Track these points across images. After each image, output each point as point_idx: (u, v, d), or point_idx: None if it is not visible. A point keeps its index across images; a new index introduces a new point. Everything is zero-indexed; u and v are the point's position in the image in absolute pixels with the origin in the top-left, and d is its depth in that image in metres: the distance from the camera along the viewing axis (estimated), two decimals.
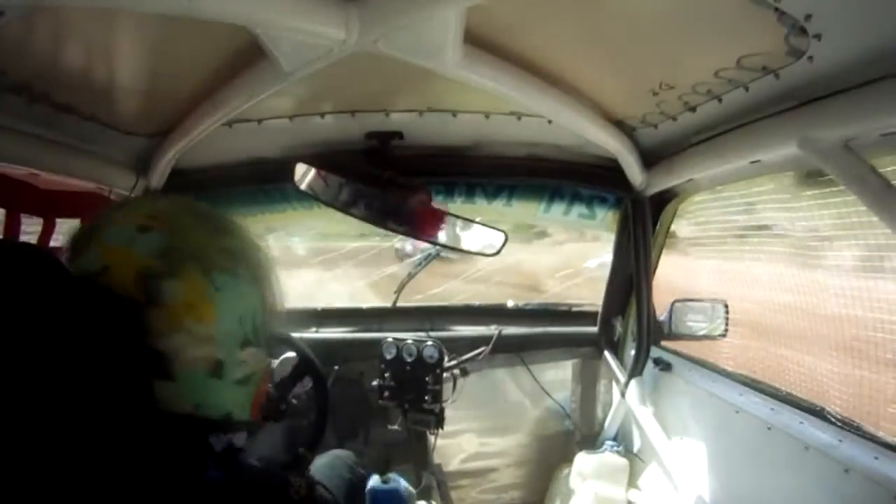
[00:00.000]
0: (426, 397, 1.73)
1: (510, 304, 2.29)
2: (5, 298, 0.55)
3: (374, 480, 1.45)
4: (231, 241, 0.68)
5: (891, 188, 0.82)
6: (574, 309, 2.25)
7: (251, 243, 0.72)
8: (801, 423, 1.19)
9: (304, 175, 1.50)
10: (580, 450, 1.99)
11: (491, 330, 1.97)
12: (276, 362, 1.69)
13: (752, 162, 1.15)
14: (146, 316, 0.59)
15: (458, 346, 1.86)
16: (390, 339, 1.78)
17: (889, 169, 0.94)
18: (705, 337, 1.67)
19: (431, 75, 1.03)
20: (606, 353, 2.01)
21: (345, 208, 1.52)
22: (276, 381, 1.57)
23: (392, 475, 1.47)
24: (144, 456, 0.57)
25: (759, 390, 1.36)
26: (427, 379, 1.73)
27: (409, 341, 1.77)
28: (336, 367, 1.86)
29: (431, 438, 1.86)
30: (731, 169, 1.28)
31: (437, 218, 1.54)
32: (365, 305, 2.37)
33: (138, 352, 0.58)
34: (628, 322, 1.95)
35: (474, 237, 1.59)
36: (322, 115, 1.42)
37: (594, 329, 2.04)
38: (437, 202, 1.74)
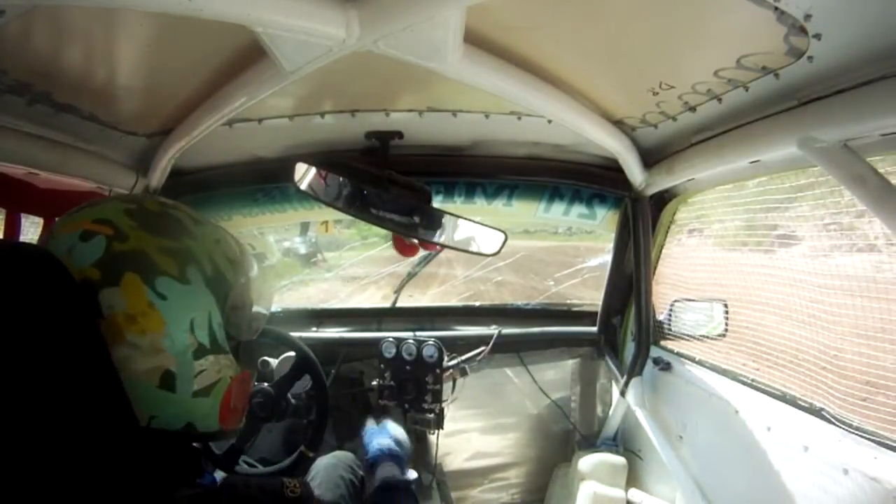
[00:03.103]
0: (426, 397, 1.74)
1: (510, 304, 2.29)
2: (5, 297, 0.55)
3: (370, 425, 1.43)
4: (182, 241, 0.64)
5: (891, 188, 0.82)
6: (573, 309, 2.25)
7: (211, 240, 0.68)
8: (801, 423, 1.19)
9: (304, 175, 1.49)
10: (580, 449, 2.00)
11: (490, 330, 1.97)
12: (275, 362, 1.70)
13: (752, 162, 1.16)
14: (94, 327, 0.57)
15: (457, 346, 1.86)
16: (390, 339, 1.78)
17: (889, 169, 0.95)
18: (705, 337, 1.67)
19: (431, 75, 1.02)
20: (606, 353, 2.01)
21: (345, 208, 1.52)
22: (276, 379, 1.58)
23: (387, 421, 1.44)
24: (119, 463, 0.57)
25: (759, 390, 1.36)
26: (427, 379, 1.74)
27: (409, 341, 1.77)
28: (336, 367, 1.86)
29: (431, 438, 1.86)
30: (731, 169, 1.29)
31: (437, 218, 1.54)
32: (365, 305, 2.37)
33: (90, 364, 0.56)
34: (628, 322, 1.95)
35: (474, 237, 1.59)
36: (322, 114, 1.42)
37: (594, 329, 2.04)
38: (437, 202, 1.74)
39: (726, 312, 1.60)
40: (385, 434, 1.36)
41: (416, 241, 1.59)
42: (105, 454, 0.58)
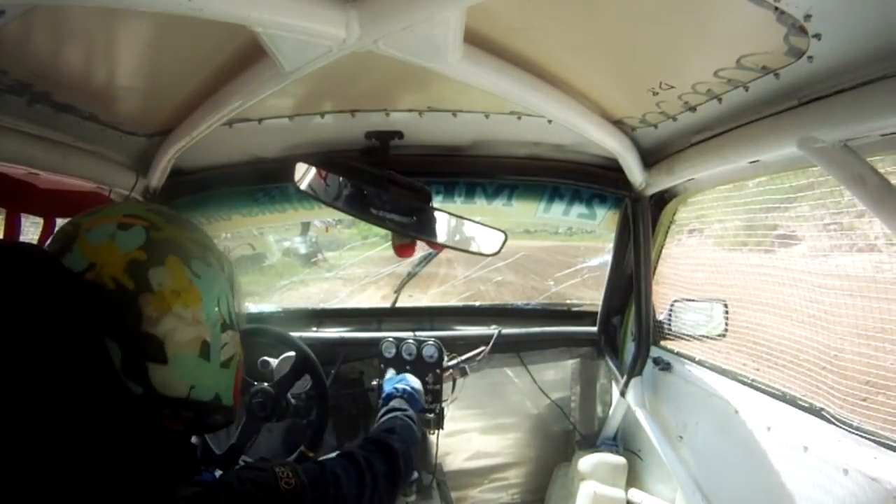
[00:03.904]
0: (426, 397, 1.73)
1: (510, 304, 2.29)
2: (5, 297, 0.55)
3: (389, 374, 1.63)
4: (197, 234, 0.73)
5: (891, 188, 0.82)
6: (573, 308, 2.25)
7: (209, 237, 0.77)
8: (801, 423, 1.19)
9: (304, 175, 1.49)
10: (580, 449, 2.00)
11: (490, 330, 1.97)
12: (275, 362, 1.70)
13: (752, 162, 1.16)
14: (138, 302, 0.63)
15: (457, 345, 1.86)
16: (390, 339, 1.78)
17: (889, 169, 0.95)
18: (705, 337, 1.67)
19: (431, 75, 1.02)
20: (606, 353, 2.01)
21: (345, 208, 1.52)
22: (276, 379, 1.58)
23: (406, 374, 1.56)
24: (122, 460, 0.58)
25: (759, 390, 1.36)
26: (427, 379, 1.74)
27: (409, 341, 1.77)
28: (336, 367, 1.86)
29: (431, 438, 1.86)
30: (731, 169, 1.28)
31: (437, 218, 1.54)
32: (365, 305, 2.37)
33: (132, 337, 0.61)
34: (628, 322, 1.95)
35: (474, 237, 1.59)
36: (322, 114, 1.42)
37: (594, 329, 2.04)
38: (437, 202, 1.74)
39: (726, 312, 1.60)
40: (401, 380, 1.47)
41: (416, 241, 1.59)
42: (105, 451, 0.58)
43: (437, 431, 1.79)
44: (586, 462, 1.82)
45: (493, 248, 1.58)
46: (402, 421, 1.16)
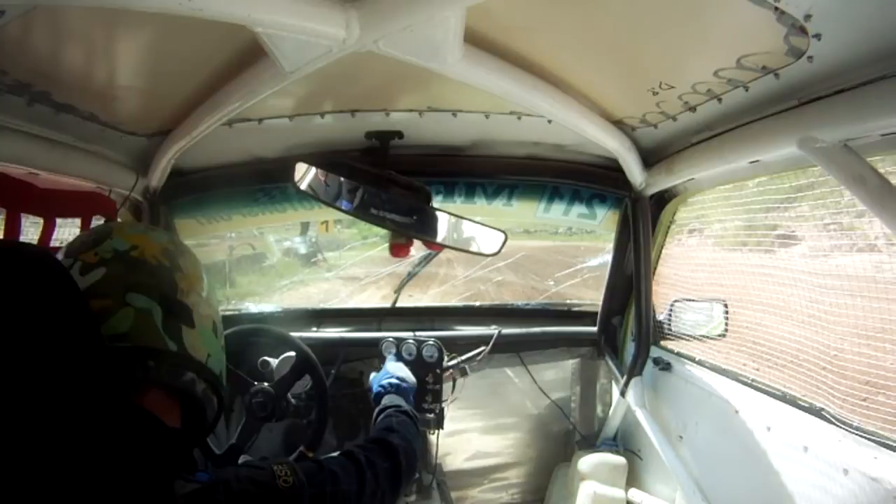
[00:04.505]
0: (426, 397, 1.73)
1: (510, 304, 2.29)
2: (6, 297, 0.56)
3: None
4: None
5: (891, 188, 0.82)
6: (573, 308, 2.25)
7: None
8: (801, 423, 1.19)
9: (304, 175, 1.49)
10: (580, 449, 1.99)
11: (490, 330, 1.97)
12: (276, 362, 1.70)
13: (752, 162, 1.16)
14: (174, 276, 0.74)
15: (457, 346, 1.86)
16: (390, 339, 1.78)
17: (889, 169, 0.95)
18: (705, 337, 1.67)
19: (431, 75, 1.03)
20: (606, 353, 2.01)
21: (344, 208, 1.52)
22: (276, 379, 1.58)
23: (386, 363, 1.56)
24: (120, 456, 0.60)
25: (759, 390, 1.36)
26: (427, 379, 1.73)
27: (409, 341, 1.77)
28: (336, 367, 1.86)
29: (431, 438, 1.86)
30: (731, 169, 1.28)
31: (437, 217, 1.54)
32: (365, 305, 2.37)
33: (171, 301, 0.72)
34: (628, 322, 1.95)
35: (474, 237, 1.59)
36: (322, 114, 1.42)
37: (594, 329, 2.04)
38: (437, 202, 1.74)
39: (726, 312, 1.60)
40: (385, 375, 1.44)
41: (411, 241, 1.59)
42: (104, 447, 0.58)
43: (437, 431, 1.79)
44: (586, 462, 1.82)
45: (493, 248, 1.58)
46: (397, 417, 1.16)
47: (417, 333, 1.86)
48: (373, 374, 1.52)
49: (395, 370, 1.47)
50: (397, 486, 0.93)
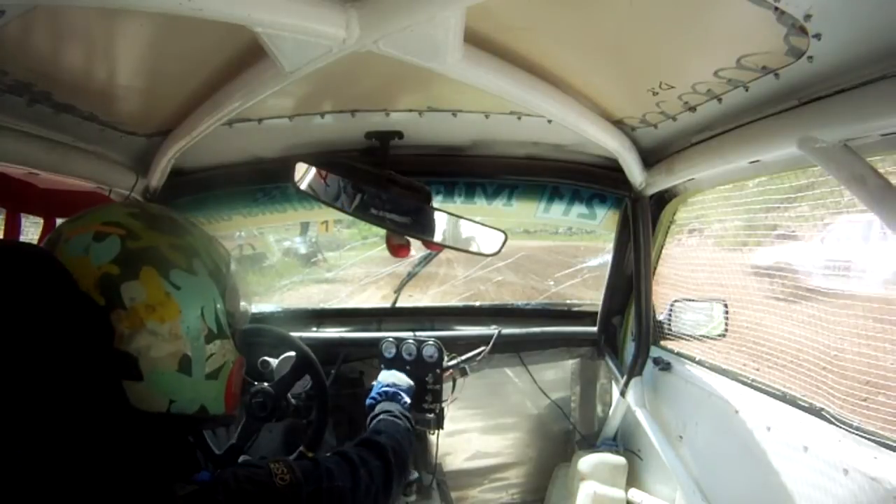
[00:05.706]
0: (426, 397, 1.73)
1: (510, 304, 2.29)
2: (6, 297, 0.55)
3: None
4: (184, 238, 0.71)
5: (891, 188, 0.82)
6: (573, 308, 2.25)
7: (205, 238, 0.75)
8: (801, 423, 1.19)
9: (304, 175, 1.49)
10: (580, 449, 2.00)
11: (490, 330, 1.97)
12: (276, 362, 1.70)
13: (752, 162, 1.16)
14: (109, 319, 0.61)
15: (457, 345, 1.86)
16: (390, 339, 1.78)
17: (889, 169, 0.95)
18: (705, 337, 1.67)
19: (431, 75, 1.02)
20: (606, 353, 2.01)
21: (344, 208, 1.52)
22: (276, 379, 1.58)
23: (382, 372, 1.57)
24: (119, 459, 0.58)
25: (759, 390, 1.36)
26: (427, 379, 1.73)
27: (409, 341, 1.77)
28: (336, 367, 1.86)
29: (431, 438, 1.86)
30: (731, 169, 1.28)
31: (437, 218, 1.54)
32: (365, 305, 2.37)
33: (104, 354, 0.60)
34: (628, 322, 1.95)
35: (474, 237, 1.59)
36: (322, 114, 1.42)
37: (594, 329, 2.04)
38: (437, 202, 1.74)
39: (726, 312, 1.60)
40: (378, 385, 1.46)
41: (416, 241, 1.59)
42: (104, 449, 0.58)
43: (437, 431, 1.79)
44: (586, 462, 1.83)
45: (493, 248, 1.57)
46: (385, 420, 1.18)
47: (417, 333, 1.86)
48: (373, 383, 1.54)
49: (386, 378, 1.49)
50: (389, 484, 0.94)
